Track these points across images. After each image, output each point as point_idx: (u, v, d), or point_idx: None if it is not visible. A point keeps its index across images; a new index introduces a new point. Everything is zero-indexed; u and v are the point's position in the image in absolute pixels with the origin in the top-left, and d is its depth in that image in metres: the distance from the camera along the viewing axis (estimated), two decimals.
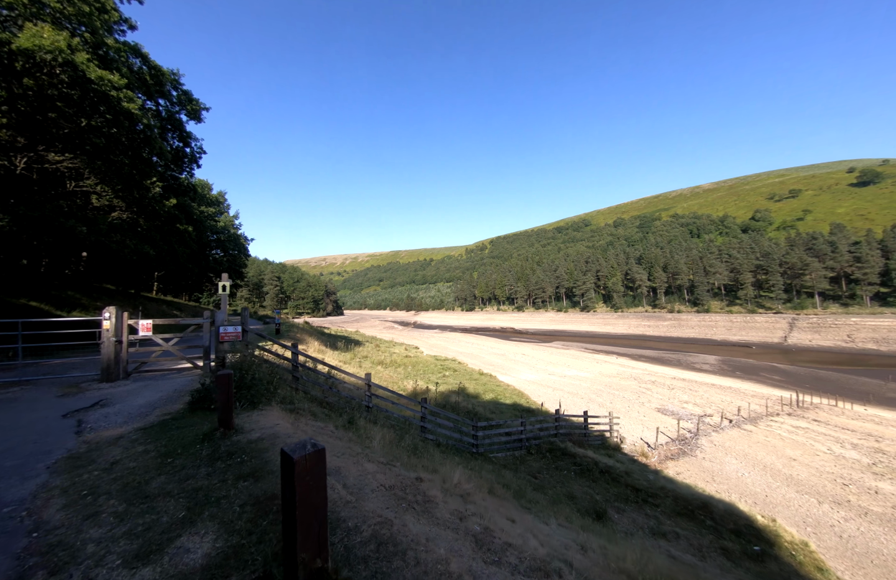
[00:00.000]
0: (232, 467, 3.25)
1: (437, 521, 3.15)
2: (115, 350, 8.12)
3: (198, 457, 3.54)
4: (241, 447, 3.68)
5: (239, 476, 3.09)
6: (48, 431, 4.82)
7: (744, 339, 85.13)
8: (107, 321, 7.98)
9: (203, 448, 3.72)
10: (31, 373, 8.86)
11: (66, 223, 12.89)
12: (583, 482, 13.14)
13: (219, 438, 3.87)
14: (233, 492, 2.82)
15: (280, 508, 2.50)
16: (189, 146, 18.59)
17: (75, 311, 18.72)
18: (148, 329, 8.36)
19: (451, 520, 3.28)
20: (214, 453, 3.57)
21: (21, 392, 7.29)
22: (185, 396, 6.74)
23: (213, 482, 3.01)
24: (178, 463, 3.43)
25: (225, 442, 3.78)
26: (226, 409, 3.99)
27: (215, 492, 2.82)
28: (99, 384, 7.88)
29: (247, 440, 3.85)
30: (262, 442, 3.80)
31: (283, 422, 4.75)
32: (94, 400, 6.66)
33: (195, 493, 2.83)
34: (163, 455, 3.67)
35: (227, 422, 4.02)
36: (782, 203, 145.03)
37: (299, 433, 4.33)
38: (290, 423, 4.77)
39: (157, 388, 7.62)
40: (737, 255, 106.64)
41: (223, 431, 3.99)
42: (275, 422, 4.52)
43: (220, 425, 4.02)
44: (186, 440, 4.00)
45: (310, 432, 4.93)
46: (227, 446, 3.69)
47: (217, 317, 8.89)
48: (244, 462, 3.35)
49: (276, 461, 3.33)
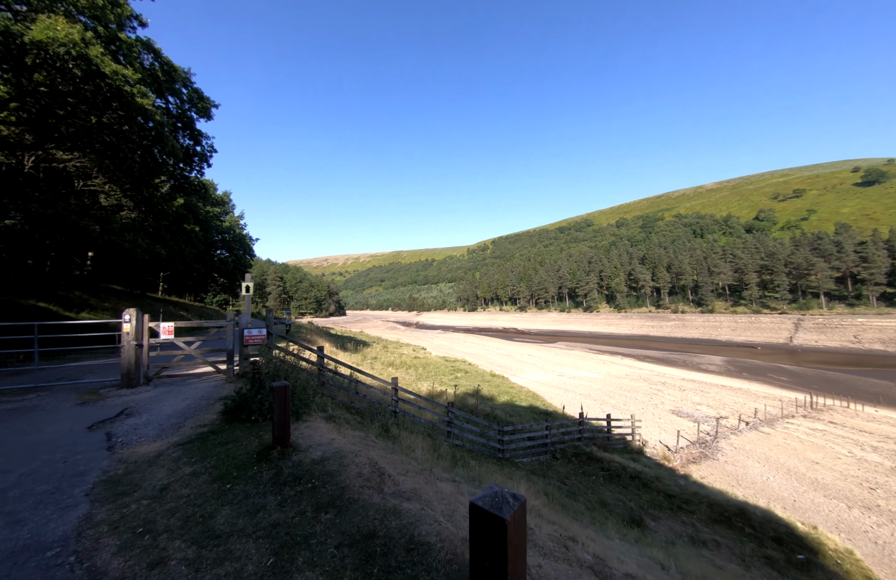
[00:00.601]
0: (305, 495, 2.81)
1: (547, 552, 2.72)
2: (136, 354, 7.68)
3: (259, 482, 3.11)
4: (307, 469, 3.25)
5: (318, 507, 2.66)
6: (76, 446, 4.39)
7: (749, 340, 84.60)
8: (127, 324, 7.54)
9: (263, 470, 3.28)
10: (45, 379, 8.43)
11: (80, 222, 12.46)
12: (613, 488, 12.70)
13: (277, 458, 3.44)
14: (319, 529, 2.38)
15: (385, 551, 2.07)
16: (200, 144, 18.16)
17: (84, 313, 18.30)
18: (170, 332, 7.93)
19: (557, 550, 2.85)
20: (278, 477, 3.14)
21: (38, 399, 6.86)
22: (216, 404, 6.31)
23: (290, 515, 2.58)
24: (239, 490, 3.00)
25: (286, 462, 3.35)
26: (283, 425, 3.55)
27: (299, 530, 2.39)
28: (119, 390, 7.43)
29: (310, 460, 3.42)
30: (327, 462, 3.37)
31: (335, 435, 4.32)
32: (117, 408, 6.23)
33: (274, 531, 2.40)
34: (217, 479, 3.23)
35: (285, 439, 3.59)
36: (786, 203, 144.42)
37: (357, 449, 3.89)
38: (342, 436, 4.34)
39: (181, 395, 7.19)
40: (741, 254, 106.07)
41: (280, 450, 3.55)
42: (329, 437, 4.09)
43: (277, 443, 3.59)
44: (239, 460, 3.56)
45: (356, 444, 4.49)
46: (290, 468, 3.26)
47: (241, 319, 8.48)
48: (317, 488, 2.92)
49: (354, 486, 2.90)
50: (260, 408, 4.98)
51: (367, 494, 2.79)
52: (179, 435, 4.72)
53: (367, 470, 3.19)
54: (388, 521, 2.38)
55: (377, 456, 3.80)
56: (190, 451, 4.00)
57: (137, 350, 7.70)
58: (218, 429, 4.79)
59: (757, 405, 31.75)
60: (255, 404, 5.02)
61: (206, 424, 5.10)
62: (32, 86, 13.11)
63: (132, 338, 7.59)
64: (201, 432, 4.74)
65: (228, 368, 8.50)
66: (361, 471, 3.15)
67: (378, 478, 3.12)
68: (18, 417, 5.69)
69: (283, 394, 3.53)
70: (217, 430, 4.71)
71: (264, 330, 8.72)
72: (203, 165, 18.44)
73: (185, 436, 4.60)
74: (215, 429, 4.80)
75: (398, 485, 3.19)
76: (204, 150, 18.34)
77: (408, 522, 2.36)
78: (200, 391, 7.44)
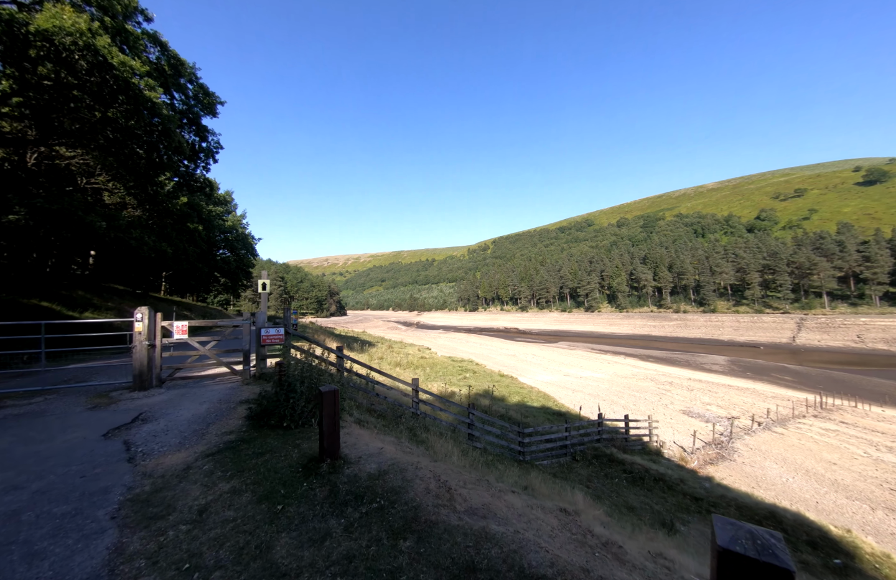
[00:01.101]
0: (374, 518, 2.40)
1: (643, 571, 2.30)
2: (149, 355, 7.27)
3: (314, 501, 2.69)
4: (366, 485, 2.83)
5: (393, 532, 2.24)
6: (93, 458, 3.96)
7: (751, 340, 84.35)
8: (139, 323, 7.12)
9: (315, 487, 2.86)
10: (52, 381, 7.99)
11: (86, 218, 12.00)
12: (637, 491, 12.31)
13: (328, 472, 3.02)
14: (404, 562, 1.96)
15: None
16: (206, 140, 17.69)
17: (87, 312, 17.84)
18: (183, 331, 7.53)
19: (660, 572, 2.42)
20: (335, 495, 2.72)
21: (46, 403, 6.43)
22: (238, 408, 5.90)
23: (363, 544, 2.15)
24: (293, 512, 2.57)
25: (339, 477, 2.93)
26: (332, 435, 3.14)
27: (381, 562, 1.96)
28: (131, 393, 7.04)
29: (366, 474, 3.00)
30: (387, 476, 2.96)
31: (380, 442, 3.89)
32: (132, 413, 5.80)
33: (350, 565, 1.97)
34: (264, 498, 2.81)
35: (334, 450, 3.17)
36: (787, 202, 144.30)
37: (414, 459, 3.47)
38: (389, 445, 3.91)
39: (198, 398, 6.77)
40: (743, 254, 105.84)
41: (330, 462, 3.14)
42: (376, 445, 3.68)
43: (326, 455, 3.16)
44: (283, 474, 3.14)
45: (409, 454, 4.07)
46: (345, 484, 2.84)
47: (258, 318, 8.06)
48: (385, 508, 2.51)
49: (427, 505, 2.49)
50: (292, 413, 4.55)
51: (443, 514, 2.38)
52: (205, 444, 4.29)
53: (433, 484, 2.78)
54: (484, 549, 1.98)
55: (433, 466, 3.38)
56: (222, 464, 3.57)
57: (150, 350, 7.30)
58: (247, 436, 4.37)
59: (766, 405, 31.42)
60: (287, 410, 4.60)
61: (233, 431, 4.67)
62: (36, 79, 12.67)
63: (144, 338, 7.17)
64: (229, 440, 4.31)
65: (245, 369, 8.08)
66: (428, 486, 2.73)
67: (447, 495, 2.71)
68: (26, 423, 5.26)
69: (332, 400, 3.11)
70: (247, 439, 4.28)
71: (282, 330, 8.30)
72: (209, 161, 17.96)
73: (213, 446, 4.18)
74: (244, 436, 4.38)
75: (467, 501, 2.78)
76: (210, 146, 17.86)
77: (509, 550, 1.96)
78: (218, 394, 7.03)
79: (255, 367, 8.14)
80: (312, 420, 4.67)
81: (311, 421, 4.68)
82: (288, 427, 4.50)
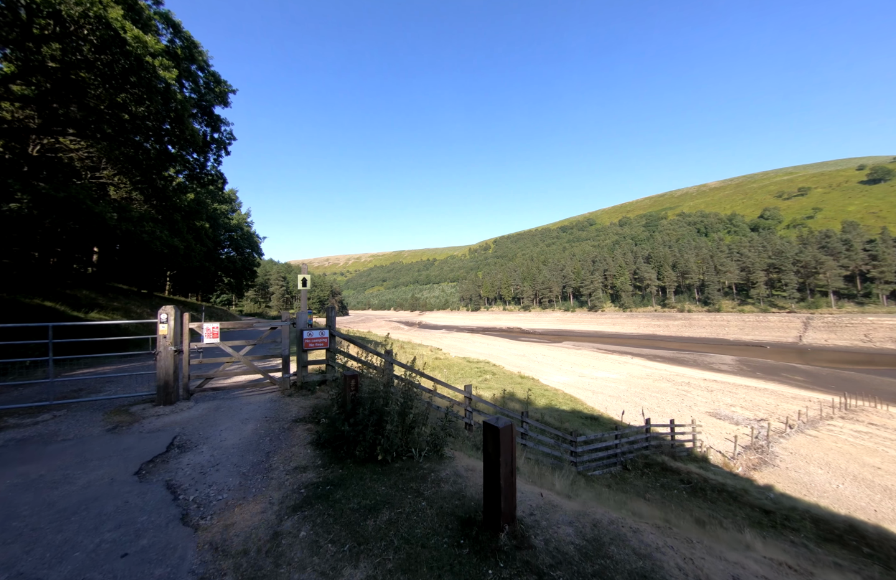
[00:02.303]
0: None
1: None
2: (175, 362, 6.15)
3: None
4: (590, 574, 1.74)
5: None
6: (130, 514, 2.84)
7: (757, 339, 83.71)
8: (164, 325, 6.01)
9: None
10: (60, 392, 6.87)
11: (95, 208, 10.85)
12: (700, 503, 11.29)
13: (512, 549, 1.93)
14: None
15: None
16: (218, 131, 16.49)
17: (93, 313, 16.66)
18: (215, 334, 6.48)
19: None
20: None
21: (55, 423, 5.30)
22: (294, 429, 4.82)
23: None
24: None
25: (538, 559, 1.83)
26: (510, 490, 2.03)
27: None
28: (155, 408, 5.94)
29: (573, 549, 1.90)
30: (605, 549, 1.85)
31: (538, 487, 2.80)
32: (163, 437, 4.70)
33: None
34: None
35: (512, 512, 2.08)
36: (791, 201, 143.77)
37: (585, 509, 2.38)
38: (547, 490, 2.83)
39: (236, 414, 5.71)
40: (748, 253, 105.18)
41: (510, 530, 2.05)
42: (533, 491, 2.58)
43: (503, 519, 2.06)
44: (437, 551, 2.03)
45: (562, 501, 2.98)
46: (557, 573, 1.74)
47: (299, 318, 6.95)
48: None
49: None
50: (389, 444, 3.45)
51: None
52: (278, 486, 3.18)
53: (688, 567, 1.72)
54: None
55: (661, 536, 2.26)
56: (325, 526, 2.47)
57: (177, 357, 6.19)
58: (333, 476, 3.26)
59: (788, 406, 30.54)
60: (380, 437, 3.49)
61: (307, 466, 3.56)
62: (40, 59, 11.48)
63: (170, 342, 6.05)
64: (311, 482, 3.20)
65: (284, 378, 7.01)
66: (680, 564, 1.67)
67: None
68: (32, 454, 4.14)
69: (509, 438, 2.02)
70: (335, 479, 3.17)
71: (326, 332, 7.21)
72: (220, 154, 16.76)
73: (291, 490, 3.07)
74: (329, 476, 3.27)
75: None
76: (223, 136, 16.68)
77: None
78: (259, 409, 5.99)
79: (297, 376, 7.09)
80: (413, 450, 3.56)
81: (409, 450, 3.58)
82: (384, 461, 3.41)
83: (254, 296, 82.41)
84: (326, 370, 7.57)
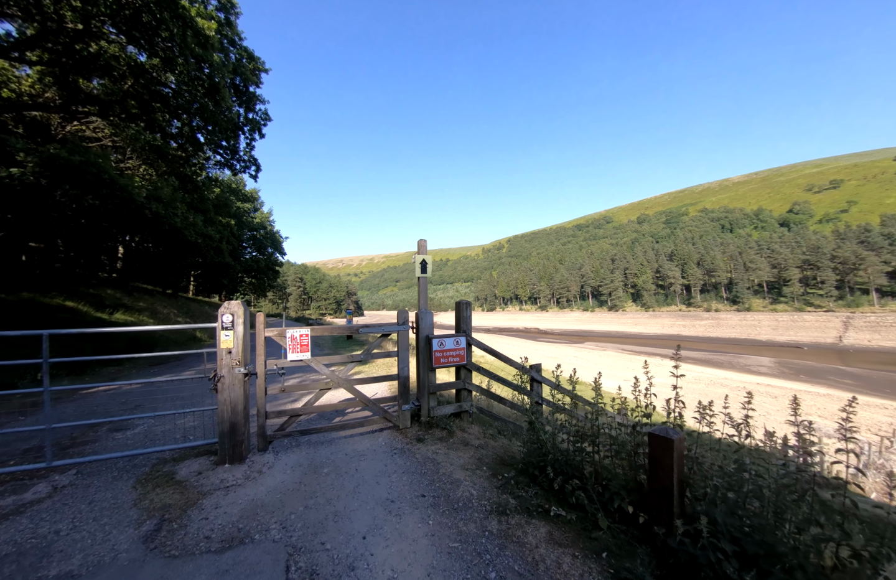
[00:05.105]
0: None
1: None
2: (245, 394, 4.19)
3: None
4: None
5: None
6: None
7: (792, 340, 79.40)
8: (227, 332, 4.11)
9: None
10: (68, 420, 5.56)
11: (119, 179, 9.54)
12: None
13: None
14: None
15: None
16: (252, 110, 15.17)
17: (118, 313, 15.76)
18: (303, 346, 4.56)
19: None
20: None
21: (52, 507, 3.34)
22: (508, 535, 2.91)
23: None
24: None
25: None
26: None
27: None
28: (217, 471, 3.99)
29: None
30: None
31: None
32: (251, 556, 2.69)
33: None
34: None
35: None
36: (822, 194, 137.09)
37: None
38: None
39: (361, 488, 3.64)
40: (780, 249, 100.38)
41: None
42: None
43: None
44: None
45: None
46: None
47: (424, 319, 5.34)
48: None
49: None
50: None
51: None
52: None
53: None
54: None
55: None
56: None
57: (246, 385, 4.22)
58: None
59: (866, 415, 27.90)
60: None
61: None
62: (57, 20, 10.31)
63: (237, 360, 4.12)
64: None
65: (403, 411, 5.10)
66: None
67: None
68: None
69: None
70: None
71: (463, 340, 5.40)
72: (254, 136, 15.49)
73: None
74: None
75: None
76: (257, 116, 15.38)
77: None
78: (390, 471, 3.97)
79: (426, 409, 5.19)
80: None
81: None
82: None
83: (272, 297, 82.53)
84: (461, 398, 5.59)
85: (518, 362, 5.92)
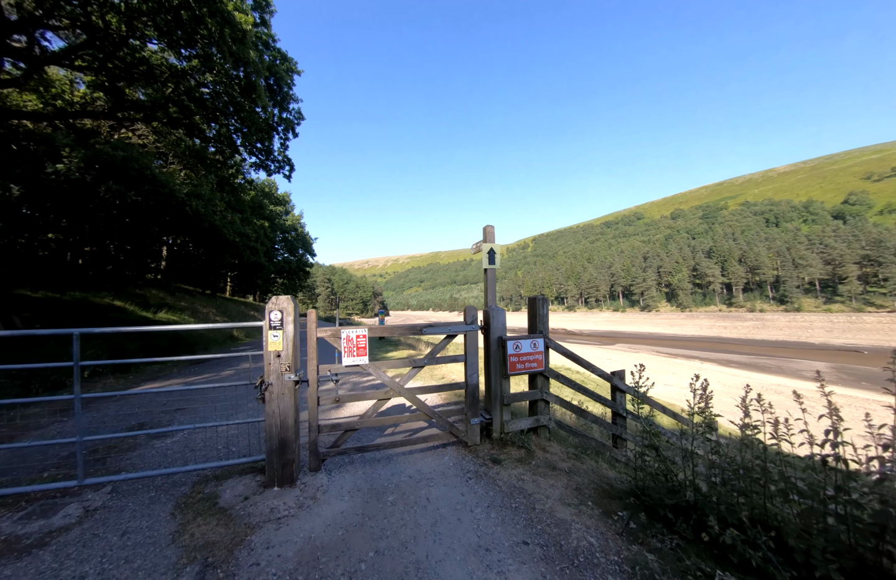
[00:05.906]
0: None
1: None
2: (294, 405, 3.68)
3: None
4: None
5: None
6: None
7: (851, 343, 72.57)
8: (276, 332, 3.59)
9: None
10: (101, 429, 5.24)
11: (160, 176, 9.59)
12: None
13: None
14: None
15: None
16: (286, 110, 15.14)
17: (162, 312, 16.13)
18: (360, 349, 3.94)
19: None
20: None
21: (81, 536, 2.88)
22: None
23: None
24: None
25: None
26: None
27: None
28: (264, 494, 3.42)
29: None
30: None
31: None
32: None
33: None
34: None
35: None
36: (883, 183, 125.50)
37: None
38: None
39: (439, 525, 2.97)
40: (834, 244, 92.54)
41: None
42: None
43: None
44: None
45: None
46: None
47: (496, 317, 4.57)
48: None
49: None
50: None
51: None
52: None
53: None
54: None
55: None
56: None
57: (296, 394, 3.72)
58: None
59: None
60: None
61: None
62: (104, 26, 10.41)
63: (287, 365, 3.59)
64: None
65: (472, 425, 4.35)
66: None
67: None
68: None
69: None
70: None
71: (541, 342, 4.61)
72: (288, 136, 15.43)
73: None
74: None
75: None
76: (290, 116, 15.32)
77: None
78: (470, 504, 3.24)
79: (500, 425, 4.45)
80: None
81: None
82: None
83: (302, 297, 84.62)
84: (538, 410, 4.72)
85: (599, 369, 5.07)
